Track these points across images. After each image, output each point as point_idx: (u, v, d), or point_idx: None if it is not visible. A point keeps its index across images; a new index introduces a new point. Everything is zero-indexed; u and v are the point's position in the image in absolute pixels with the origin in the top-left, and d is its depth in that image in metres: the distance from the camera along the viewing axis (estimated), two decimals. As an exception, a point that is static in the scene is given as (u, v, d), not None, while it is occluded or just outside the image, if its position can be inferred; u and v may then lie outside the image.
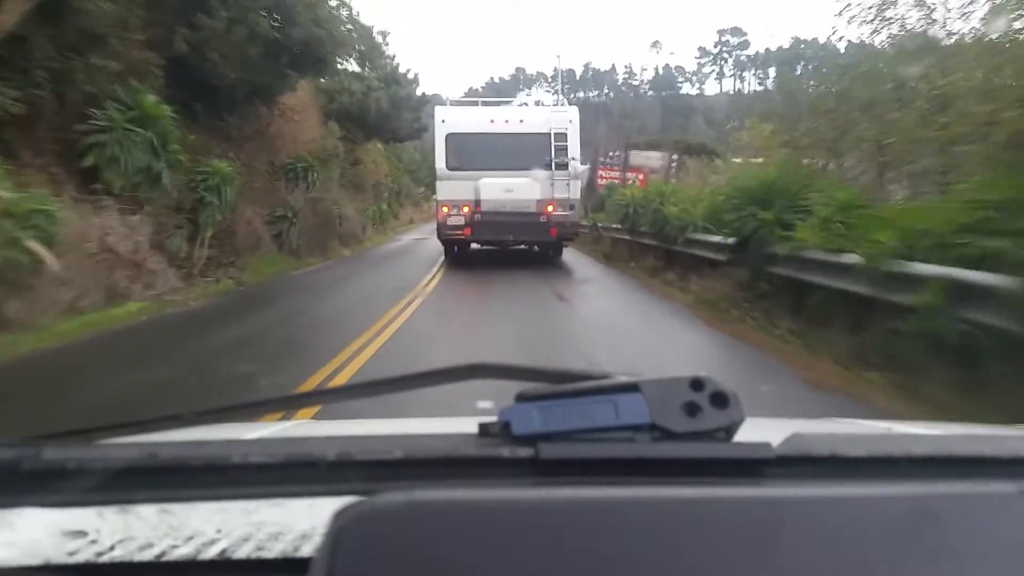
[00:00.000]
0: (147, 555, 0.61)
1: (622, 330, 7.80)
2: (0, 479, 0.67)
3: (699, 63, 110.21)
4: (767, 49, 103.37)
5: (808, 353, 6.07)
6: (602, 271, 13.46)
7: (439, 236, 13.16)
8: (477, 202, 12.40)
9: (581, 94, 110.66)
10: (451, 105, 13.95)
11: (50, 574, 0.59)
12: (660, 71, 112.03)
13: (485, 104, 14.27)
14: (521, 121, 12.98)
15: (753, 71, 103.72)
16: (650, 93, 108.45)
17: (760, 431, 0.74)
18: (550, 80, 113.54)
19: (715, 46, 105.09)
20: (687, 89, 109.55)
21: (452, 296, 10.48)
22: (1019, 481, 0.58)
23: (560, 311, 9.03)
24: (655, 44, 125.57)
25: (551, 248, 13.64)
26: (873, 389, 5.00)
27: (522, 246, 13.46)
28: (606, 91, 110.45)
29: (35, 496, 0.67)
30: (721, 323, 7.67)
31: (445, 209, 12.62)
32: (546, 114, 13.41)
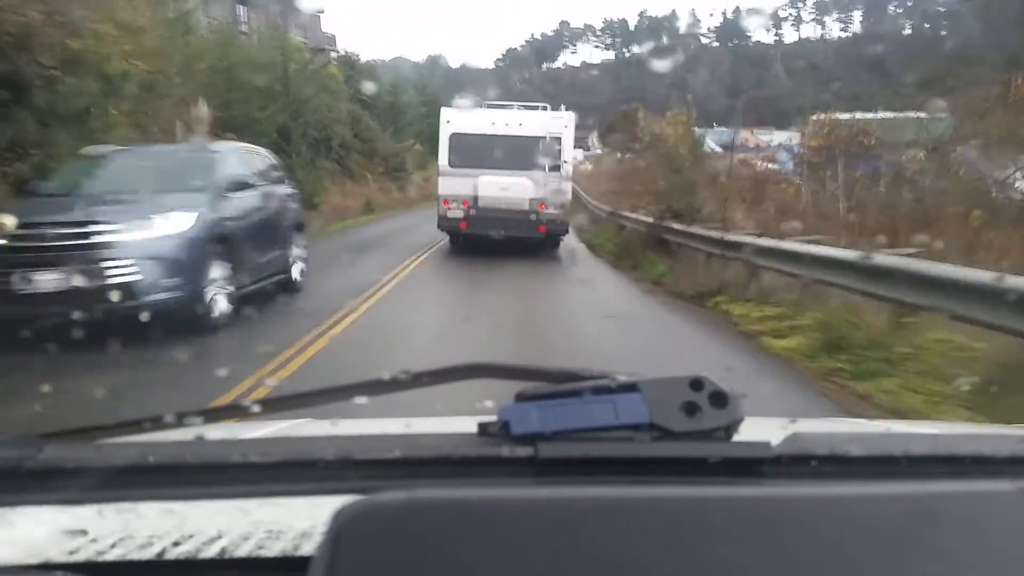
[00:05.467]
0: (147, 554, 0.61)
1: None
2: (0, 478, 0.68)
3: (775, 6, 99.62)
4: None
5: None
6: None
7: (439, 227, 14.75)
8: (475, 198, 13.70)
9: (636, 48, 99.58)
10: (456, 108, 15.22)
11: (51, 573, 0.59)
12: (729, 16, 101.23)
13: (489, 107, 15.60)
14: (520, 124, 14.21)
15: (835, 15, 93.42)
16: (715, 44, 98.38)
17: (759, 430, 0.74)
18: (598, 33, 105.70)
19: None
20: (760, 36, 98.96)
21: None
22: (1018, 481, 0.58)
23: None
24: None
25: (547, 241, 15.06)
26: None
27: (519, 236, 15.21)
28: (665, 42, 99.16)
29: (36, 495, 0.67)
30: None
31: (445, 203, 14.10)
32: (545, 118, 14.66)
